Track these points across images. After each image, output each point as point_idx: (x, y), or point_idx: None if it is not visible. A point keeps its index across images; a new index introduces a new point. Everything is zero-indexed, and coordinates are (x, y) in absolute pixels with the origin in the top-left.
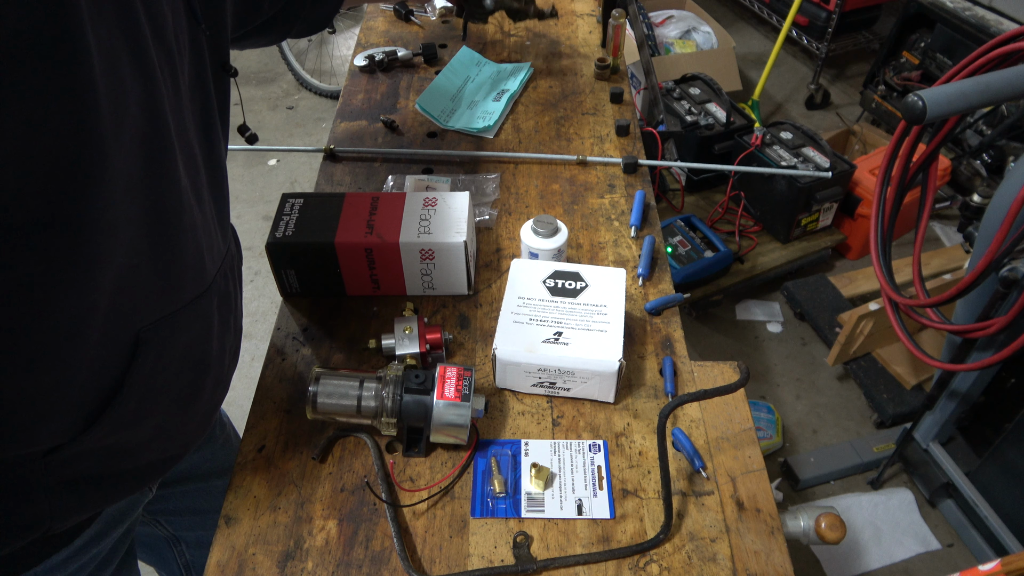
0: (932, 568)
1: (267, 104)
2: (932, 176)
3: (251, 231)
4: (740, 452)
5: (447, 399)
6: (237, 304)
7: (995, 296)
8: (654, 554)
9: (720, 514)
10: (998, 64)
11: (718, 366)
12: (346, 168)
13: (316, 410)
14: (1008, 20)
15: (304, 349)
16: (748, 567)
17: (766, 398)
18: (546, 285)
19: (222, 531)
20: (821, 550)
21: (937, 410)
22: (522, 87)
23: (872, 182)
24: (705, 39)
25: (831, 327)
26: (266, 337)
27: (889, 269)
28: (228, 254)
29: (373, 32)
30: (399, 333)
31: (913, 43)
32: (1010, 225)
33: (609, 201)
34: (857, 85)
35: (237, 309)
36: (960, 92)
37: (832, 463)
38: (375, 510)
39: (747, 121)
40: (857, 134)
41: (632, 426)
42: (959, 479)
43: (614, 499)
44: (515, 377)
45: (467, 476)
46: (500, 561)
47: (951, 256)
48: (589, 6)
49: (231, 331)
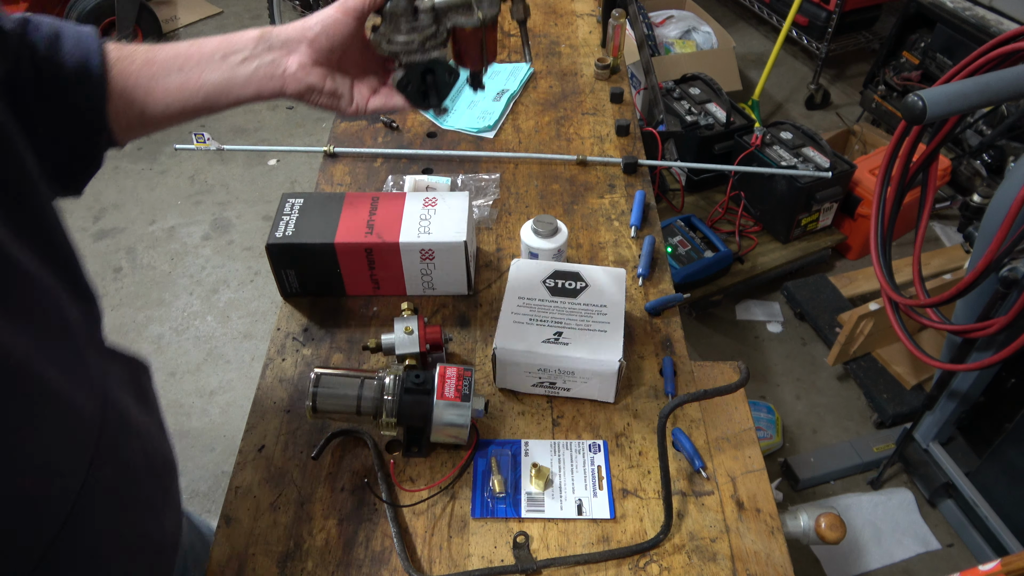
0: (932, 568)
1: (267, 104)
2: (932, 176)
3: (251, 231)
4: (740, 452)
5: (447, 399)
6: (153, 456)
7: (995, 296)
8: (654, 554)
9: (720, 514)
10: (998, 64)
11: (718, 366)
12: (346, 168)
13: (316, 410)
14: (1008, 20)
15: (304, 349)
16: (748, 567)
17: (766, 398)
18: (546, 285)
19: (222, 531)
20: (821, 550)
21: (937, 410)
22: (522, 87)
23: (872, 182)
24: (705, 39)
25: (831, 327)
26: (266, 337)
27: (889, 269)
28: (106, 406)
29: None
30: (399, 333)
31: (913, 43)
32: (1010, 225)
33: (609, 201)
34: (857, 85)
35: (156, 462)
36: (960, 92)
37: (832, 463)
38: (375, 510)
39: (747, 121)
40: (857, 134)
41: (632, 426)
42: (959, 479)
43: (614, 499)
44: (515, 377)
45: (467, 476)
46: (500, 561)
47: (951, 256)
48: (589, 6)
49: (169, 506)
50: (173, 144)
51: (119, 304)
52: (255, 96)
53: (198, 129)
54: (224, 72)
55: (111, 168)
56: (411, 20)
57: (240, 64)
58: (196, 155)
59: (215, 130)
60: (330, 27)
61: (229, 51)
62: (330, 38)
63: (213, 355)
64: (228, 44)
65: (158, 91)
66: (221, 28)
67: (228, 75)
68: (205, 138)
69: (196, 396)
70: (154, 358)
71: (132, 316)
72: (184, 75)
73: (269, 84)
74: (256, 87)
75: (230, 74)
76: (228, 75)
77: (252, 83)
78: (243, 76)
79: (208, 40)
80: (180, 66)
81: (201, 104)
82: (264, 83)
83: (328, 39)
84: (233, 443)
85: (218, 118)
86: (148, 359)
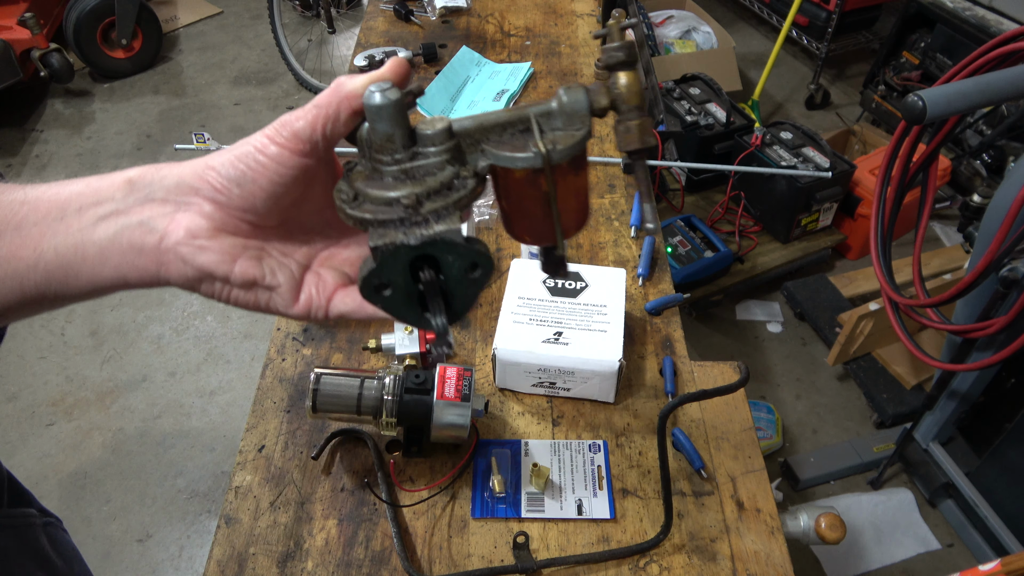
0: (932, 568)
1: (267, 104)
2: (932, 176)
3: None
4: (740, 452)
5: (447, 399)
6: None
7: (995, 296)
8: (654, 554)
9: (720, 514)
10: (998, 64)
11: (718, 366)
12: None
13: (316, 410)
14: (1008, 20)
15: (304, 349)
16: (748, 567)
17: (766, 398)
18: (546, 285)
19: (222, 531)
20: (821, 550)
21: (937, 410)
22: (522, 87)
23: (872, 182)
24: (705, 39)
25: (831, 327)
26: (266, 337)
27: (889, 269)
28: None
29: (373, 32)
30: (399, 333)
31: (913, 43)
32: (1010, 225)
33: (609, 201)
34: (857, 85)
35: None
36: (960, 92)
37: (832, 463)
38: (375, 510)
39: (747, 121)
40: (857, 134)
41: (632, 426)
42: (959, 479)
43: (614, 499)
44: (515, 377)
45: (467, 476)
46: (500, 561)
47: (951, 256)
48: (589, 6)
49: None
50: (173, 144)
51: (119, 304)
52: (118, 280)
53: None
54: (73, 235)
55: (111, 168)
56: (404, 155)
57: (98, 223)
58: (196, 155)
59: (215, 130)
60: (252, 168)
61: (89, 201)
62: (252, 186)
63: (213, 355)
64: (93, 189)
65: None
66: (221, 29)
67: (78, 240)
68: (205, 138)
69: (196, 396)
70: (154, 358)
71: (132, 316)
72: (20, 235)
73: (138, 262)
74: (116, 265)
75: (80, 239)
76: (78, 240)
77: (111, 257)
78: (98, 244)
79: (77, 180)
80: (19, 222)
81: (42, 285)
82: (129, 259)
83: (247, 188)
84: (233, 443)
85: (218, 117)
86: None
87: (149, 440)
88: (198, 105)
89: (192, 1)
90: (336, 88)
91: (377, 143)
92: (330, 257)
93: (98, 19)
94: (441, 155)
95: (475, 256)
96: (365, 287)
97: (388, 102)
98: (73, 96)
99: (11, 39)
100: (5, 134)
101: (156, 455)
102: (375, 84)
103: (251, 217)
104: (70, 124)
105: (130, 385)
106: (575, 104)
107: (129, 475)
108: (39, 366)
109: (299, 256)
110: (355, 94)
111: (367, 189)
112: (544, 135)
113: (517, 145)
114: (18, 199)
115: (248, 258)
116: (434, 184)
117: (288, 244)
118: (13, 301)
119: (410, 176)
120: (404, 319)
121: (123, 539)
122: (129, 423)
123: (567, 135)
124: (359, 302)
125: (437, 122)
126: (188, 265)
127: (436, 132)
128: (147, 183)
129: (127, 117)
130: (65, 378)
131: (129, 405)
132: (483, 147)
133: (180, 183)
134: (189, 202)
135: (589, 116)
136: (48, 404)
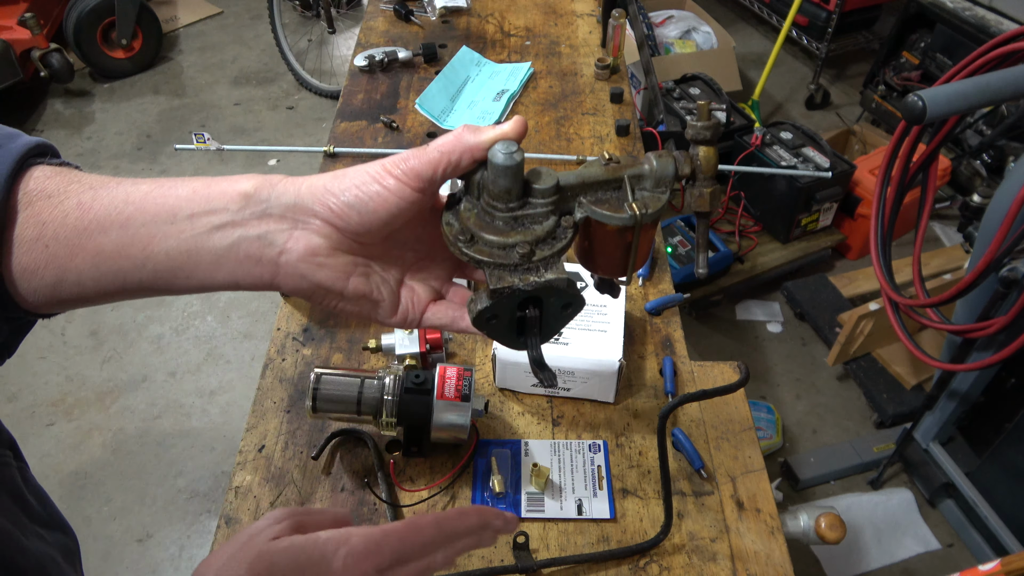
0: (932, 568)
1: (267, 104)
2: (932, 176)
3: None
4: (740, 452)
5: (447, 399)
6: None
7: (995, 296)
8: (654, 554)
9: (720, 514)
10: (998, 64)
11: (718, 366)
12: (346, 168)
13: (316, 410)
14: (1008, 20)
15: (304, 349)
16: (748, 567)
17: (766, 398)
18: None
19: (222, 531)
20: (821, 550)
21: (937, 410)
22: (522, 87)
23: (872, 182)
24: (705, 39)
25: (831, 327)
26: (266, 337)
27: (889, 269)
28: None
29: (373, 32)
30: (399, 333)
31: (913, 43)
32: (1010, 225)
33: None
34: (857, 85)
35: None
36: (960, 92)
37: (832, 463)
38: (375, 510)
39: (747, 121)
40: (857, 134)
41: (632, 426)
42: (959, 479)
43: (614, 499)
44: (515, 377)
45: (467, 476)
46: (500, 561)
47: (951, 256)
48: (589, 6)
49: None
50: (173, 144)
51: (119, 304)
52: (230, 283)
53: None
54: (187, 240)
55: (111, 169)
56: (516, 204)
57: (213, 232)
58: (196, 155)
59: (215, 130)
60: (372, 198)
61: (201, 208)
62: (370, 216)
63: (213, 355)
64: (203, 196)
65: (86, 252)
66: (221, 29)
67: (192, 246)
68: (205, 138)
69: (196, 396)
70: (154, 358)
71: (132, 316)
72: (127, 234)
73: (254, 271)
74: (231, 271)
75: (194, 245)
76: (192, 246)
77: (226, 264)
78: (214, 251)
79: (178, 184)
80: (124, 220)
81: (148, 282)
82: (246, 267)
83: (365, 216)
84: (233, 443)
85: (218, 117)
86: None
87: (149, 440)
88: (198, 105)
89: (192, 1)
90: (460, 138)
91: (495, 192)
92: (420, 270)
93: (98, 19)
94: (547, 206)
95: (572, 298)
96: (478, 320)
97: (515, 163)
98: (73, 96)
99: (11, 39)
100: None
101: (156, 455)
102: (502, 144)
103: (364, 239)
104: (70, 124)
105: (130, 385)
106: (664, 170)
107: (129, 475)
108: (39, 366)
109: (395, 271)
110: (480, 147)
111: (482, 233)
112: (635, 196)
113: (612, 203)
114: (120, 197)
115: (359, 275)
116: (541, 233)
117: (387, 260)
118: (112, 290)
119: (519, 223)
120: (502, 341)
121: (123, 539)
122: (129, 423)
123: (654, 198)
124: (452, 317)
125: (547, 178)
126: (306, 280)
127: (547, 188)
128: (263, 199)
129: (127, 117)
130: (65, 378)
131: (129, 405)
132: (580, 200)
133: (298, 203)
134: (307, 222)
135: (674, 181)
136: (48, 404)
